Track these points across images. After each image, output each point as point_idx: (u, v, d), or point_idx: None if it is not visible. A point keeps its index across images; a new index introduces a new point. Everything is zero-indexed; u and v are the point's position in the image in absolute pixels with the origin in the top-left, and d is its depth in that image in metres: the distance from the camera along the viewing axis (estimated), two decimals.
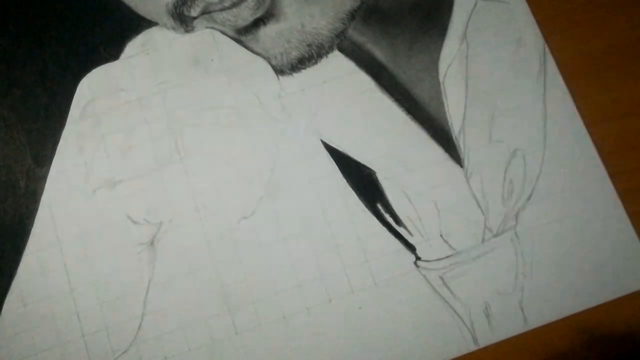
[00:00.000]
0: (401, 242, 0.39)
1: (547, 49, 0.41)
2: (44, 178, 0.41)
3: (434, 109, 0.41)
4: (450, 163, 0.40)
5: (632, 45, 0.41)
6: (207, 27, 0.42)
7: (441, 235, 0.39)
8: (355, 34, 0.42)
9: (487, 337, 0.38)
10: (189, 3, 0.41)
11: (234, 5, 0.41)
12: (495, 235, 0.39)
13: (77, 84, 0.42)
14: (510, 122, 0.40)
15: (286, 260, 0.39)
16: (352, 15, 0.42)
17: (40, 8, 0.43)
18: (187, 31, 0.42)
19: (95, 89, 0.42)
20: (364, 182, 0.40)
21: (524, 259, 0.38)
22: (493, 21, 0.42)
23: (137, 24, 0.43)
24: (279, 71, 0.42)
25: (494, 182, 0.39)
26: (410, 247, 0.39)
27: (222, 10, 0.41)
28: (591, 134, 0.40)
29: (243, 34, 0.42)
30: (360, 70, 0.42)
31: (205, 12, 0.42)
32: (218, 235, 0.39)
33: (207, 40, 0.42)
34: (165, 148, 0.41)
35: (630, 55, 0.41)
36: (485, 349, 0.37)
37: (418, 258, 0.39)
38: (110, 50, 0.42)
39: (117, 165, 0.41)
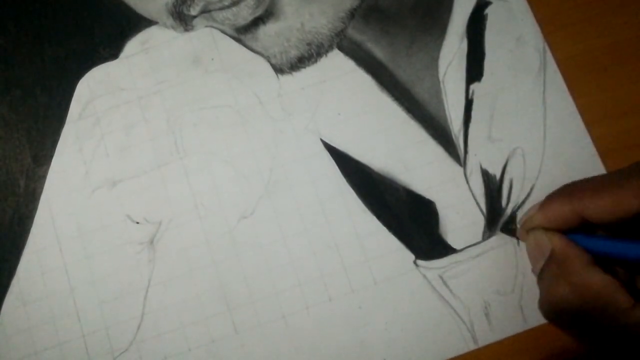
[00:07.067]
0: (401, 242, 0.39)
1: (547, 48, 0.41)
2: (43, 177, 0.41)
3: (433, 107, 0.41)
4: (449, 162, 0.40)
5: (632, 44, 0.41)
6: (206, 26, 0.42)
7: (440, 234, 0.39)
8: (355, 33, 0.42)
9: (487, 337, 0.37)
10: (188, 2, 0.41)
11: (233, 4, 0.41)
12: (495, 235, 0.39)
13: (77, 84, 0.42)
14: (510, 121, 0.40)
15: (286, 259, 0.39)
16: (352, 14, 0.42)
17: (40, 8, 0.43)
18: (186, 30, 0.42)
19: (95, 89, 0.42)
20: (363, 182, 0.40)
21: (523, 258, 0.38)
22: (493, 20, 0.42)
23: (136, 23, 0.43)
24: (279, 70, 0.42)
25: (494, 181, 0.39)
26: (410, 247, 0.39)
27: (221, 9, 0.41)
28: (591, 133, 0.40)
29: (242, 33, 0.42)
30: (360, 69, 0.42)
31: (204, 11, 0.41)
32: (218, 235, 0.40)
33: (206, 39, 0.42)
34: (164, 147, 0.41)
35: (630, 54, 0.41)
36: (485, 348, 0.37)
37: (418, 257, 0.39)
38: (110, 49, 0.42)
39: (116, 165, 0.41)
